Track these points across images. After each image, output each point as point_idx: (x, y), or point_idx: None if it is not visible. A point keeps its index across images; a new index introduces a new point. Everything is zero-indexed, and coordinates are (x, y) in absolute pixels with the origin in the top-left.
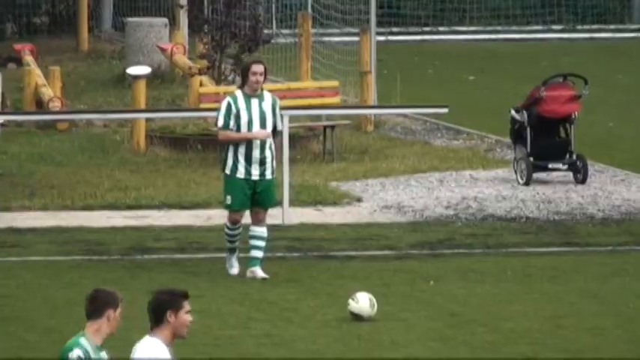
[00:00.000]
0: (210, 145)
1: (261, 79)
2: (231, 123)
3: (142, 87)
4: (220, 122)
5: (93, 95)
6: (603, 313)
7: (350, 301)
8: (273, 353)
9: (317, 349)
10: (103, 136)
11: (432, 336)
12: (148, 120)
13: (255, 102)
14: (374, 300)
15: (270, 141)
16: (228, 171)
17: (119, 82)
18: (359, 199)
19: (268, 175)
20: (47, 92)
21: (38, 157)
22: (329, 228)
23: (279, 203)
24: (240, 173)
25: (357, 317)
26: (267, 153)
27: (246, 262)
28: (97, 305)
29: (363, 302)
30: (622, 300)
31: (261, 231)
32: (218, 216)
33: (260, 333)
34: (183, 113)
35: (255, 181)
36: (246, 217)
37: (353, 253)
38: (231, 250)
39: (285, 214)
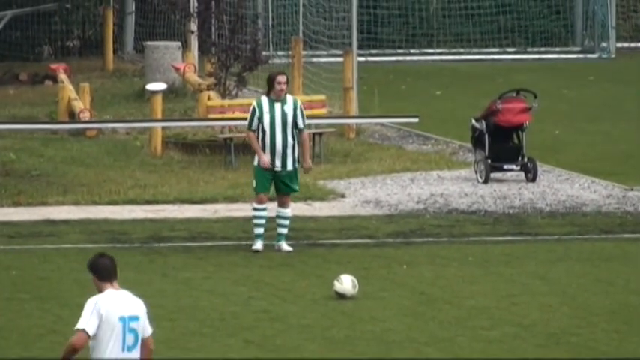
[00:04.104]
0: (216, 149)
1: (285, 87)
2: (254, 124)
3: (158, 100)
4: (247, 124)
5: (117, 107)
6: (551, 292)
7: (335, 282)
8: (270, 326)
9: (307, 323)
10: (126, 142)
11: (405, 312)
12: (163, 128)
13: (278, 105)
14: (356, 281)
15: (290, 137)
16: (256, 163)
17: (139, 97)
18: (343, 196)
19: (289, 167)
20: (78, 105)
21: (70, 160)
22: (317, 220)
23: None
24: (262, 163)
25: (341, 296)
26: (289, 147)
27: (275, 238)
28: None
29: (346, 283)
30: (567, 281)
31: (285, 212)
32: (223, 210)
33: (259, 309)
34: (193, 123)
35: (277, 171)
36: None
37: (338, 241)
38: (258, 236)
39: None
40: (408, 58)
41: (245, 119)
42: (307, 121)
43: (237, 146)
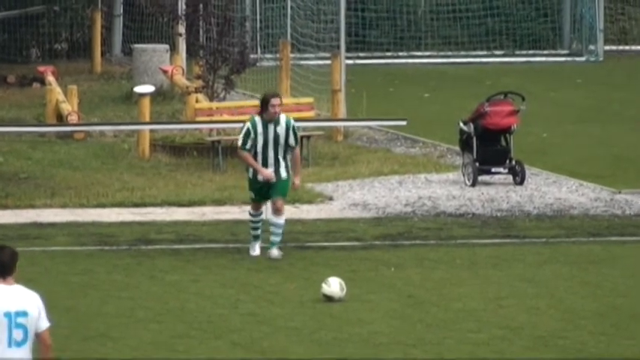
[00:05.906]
0: (204, 152)
1: (278, 109)
2: (249, 144)
3: (146, 103)
4: (240, 143)
5: (105, 110)
6: (538, 295)
7: (323, 284)
8: (257, 329)
9: (295, 326)
10: (113, 145)
11: (392, 315)
12: (151, 131)
13: (271, 127)
14: (343, 284)
15: (281, 155)
16: (250, 175)
17: (127, 99)
18: (330, 198)
19: (282, 174)
20: (66, 107)
21: (58, 163)
22: (305, 222)
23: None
24: (260, 178)
25: (329, 299)
26: (281, 162)
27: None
28: None
29: (334, 286)
30: (554, 284)
31: (279, 222)
32: (211, 212)
33: (246, 312)
34: (181, 125)
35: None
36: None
37: (325, 243)
38: (255, 238)
39: (267, 211)
40: (396, 60)
41: (233, 122)
42: (295, 124)
43: (225, 149)
